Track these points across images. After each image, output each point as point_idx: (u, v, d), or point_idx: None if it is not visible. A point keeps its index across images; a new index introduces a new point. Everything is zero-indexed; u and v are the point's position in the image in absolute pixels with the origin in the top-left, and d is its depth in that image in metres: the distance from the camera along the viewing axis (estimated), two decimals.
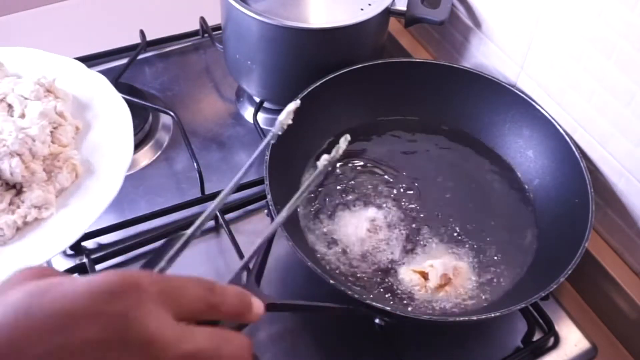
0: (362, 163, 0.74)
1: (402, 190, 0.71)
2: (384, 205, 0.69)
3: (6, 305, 0.28)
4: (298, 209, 0.68)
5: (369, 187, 0.71)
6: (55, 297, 0.28)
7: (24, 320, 0.27)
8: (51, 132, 0.63)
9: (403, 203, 0.70)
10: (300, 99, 0.70)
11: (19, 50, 0.73)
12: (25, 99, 0.65)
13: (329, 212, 0.68)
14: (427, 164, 0.75)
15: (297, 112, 0.70)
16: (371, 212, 0.69)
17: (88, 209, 0.59)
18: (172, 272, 0.38)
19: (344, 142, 0.49)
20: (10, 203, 0.58)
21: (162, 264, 0.37)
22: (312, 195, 0.70)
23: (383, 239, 0.66)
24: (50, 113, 0.64)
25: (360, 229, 0.67)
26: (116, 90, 0.70)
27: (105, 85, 0.70)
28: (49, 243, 0.56)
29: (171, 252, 0.38)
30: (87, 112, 0.69)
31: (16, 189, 0.60)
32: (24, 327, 0.27)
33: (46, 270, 0.31)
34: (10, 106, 0.65)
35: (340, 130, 0.77)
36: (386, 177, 0.73)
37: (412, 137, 0.77)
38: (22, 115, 0.64)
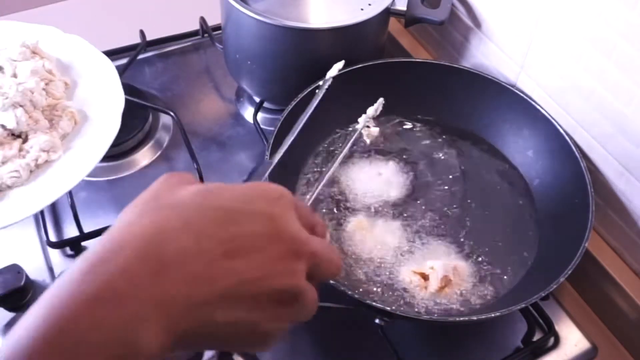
0: (363, 163, 0.74)
1: (401, 190, 0.71)
2: (384, 205, 0.69)
3: (181, 203, 0.33)
4: None
5: (369, 187, 0.71)
6: (224, 197, 0.34)
7: (201, 215, 0.32)
8: (44, 87, 0.68)
9: (402, 203, 0.70)
10: (300, 99, 0.70)
11: None
12: (14, 60, 0.70)
13: (329, 213, 0.68)
14: (427, 164, 0.75)
15: (297, 112, 0.70)
16: (371, 212, 0.69)
17: (92, 149, 0.64)
18: None
19: (379, 104, 0.62)
20: (20, 150, 0.64)
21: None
22: (313, 195, 0.70)
23: (382, 239, 0.66)
24: (41, 70, 0.69)
25: (360, 229, 0.67)
26: (96, 48, 0.74)
27: (84, 45, 0.74)
28: (62, 180, 0.62)
29: None
30: (72, 71, 0.73)
31: (21, 138, 0.65)
32: (205, 218, 0.32)
33: (191, 177, 0.36)
34: (1, 68, 0.70)
35: (339, 130, 0.77)
36: (386, 177, 0.73)
37: (412, 136, 0.77)
38: (14, 75, 0.69)
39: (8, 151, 0.62)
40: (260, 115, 0.82)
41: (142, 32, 0.91)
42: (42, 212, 0.70)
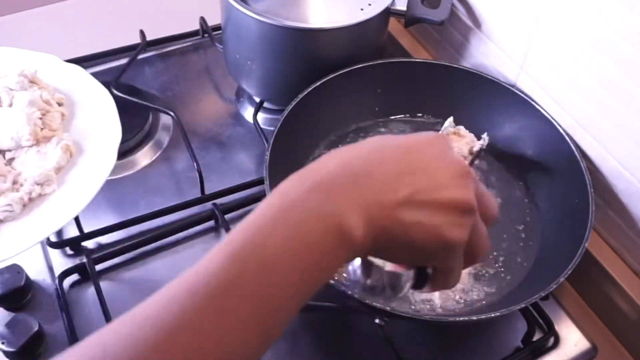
0: None
1: None
2: None
3: (366, 144, 0.40)
4: None
5: None
6: (398, 138, 0.40)
7: (383, 147, 0.39)
8: (41, 118, 0.67)
9: None
10: (301, 99, 0.70)
11: None
12: (12, 90, 0.69)
13: None
14: None
15: (297, 112, 0.70)
16: None
17: (86, 184, 0.63)
18: None
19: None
20: (14, 182, 0.63)
21: None
22: None
23: None
24: (38, 101, 0.68)
25: None
26: (94, 78, 0.73)
27: (83, 75, 0.73)
28: (55, 216, 0.60)
29: None
30: (69, 101, 0.72)
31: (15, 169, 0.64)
32: (385, 149, 0.39)
33: None
34: None
35: (339, 130, 0.77)
36: None
37: None
38: (10, 105, 0.68)
39: (2, 184, 0.61)
40: (260, 115, 0.82)
41: (142, 32, 0.91)
42: None
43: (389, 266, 0.40)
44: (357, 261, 0.41)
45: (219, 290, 0.32)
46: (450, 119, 0.73)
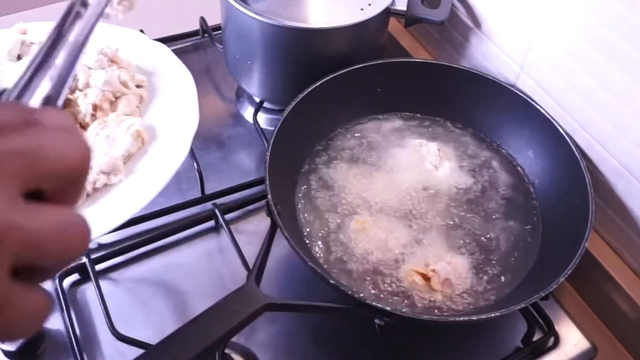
0: (362, 163, 0.74)
1: (402, 189, 0.71)
2: (384, 204, 0.69)
3: None
4: (298, 207, 0.69)
5: (369, 187, 0.71)
6: None
7: None
8: (114, 100, 0.64)
9: (403, 202, 0.70)
10: (301, 99, 0.70)
11: None
12: (90, 68, 0.66)
13: (329, 213, 0.68)
14: None
15: (297, 112, 0.70)
16: (371, 212, 0.69)
17: (156, 173, 0.59)
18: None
19: None
20: None
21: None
22: (315, 195, 0.70)
23: (383, 238, 0.66)
24: (114, 81, 0.65)
25: (360, 229, 0.67)
26: (179, 60, 0.69)
27: (168, 55, 0.70)
28: (120, 208, 0.56)
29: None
30: (150, 82, 0.68)
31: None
32: None
33: None
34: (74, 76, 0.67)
35: (339, 130, 0.77)
36: (386, 176, 0.73)
37: (412, 137, 0.77)
38: (87, 85, 0.65)
39: None
40: (260, 115, 0.82)
41: (142, 32, 0.91)
42: None
43: None
44: None
45: None
46: None
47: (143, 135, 0.62)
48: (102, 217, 0.56)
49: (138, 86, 0.67)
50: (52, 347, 0.61)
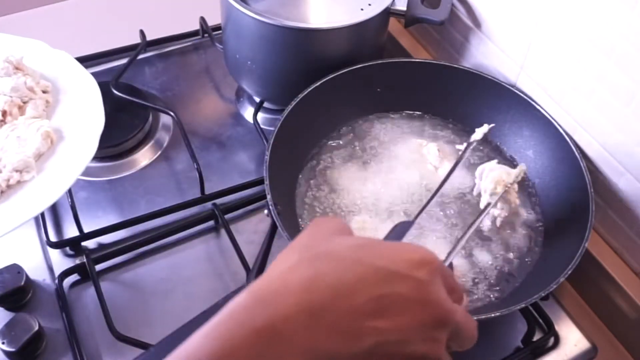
0: (363, 163, 0.74)
1: (402, 189, 0.71)
2: (384, 204, 0.69)
3: (336, 256, 0.34)
4: (298, 207, 0.69)
5: (369, 187, 0.71)
6: (375, 254, 0.34)
7: (353, 271, 0.33)
8: (21, 105, 0.67)
9: (403, 202, 0.70)
10: (301, 99, 0.70)
11: None
12: None
13: (329, 213, 0.68)
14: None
15: (297, 112, 0.70)
16: (371, 212, 0.69)
17: (65, 171, 0.62)
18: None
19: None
20: None
21: None
22: (315, 195, 0.70)
23: (383, 238, 0.66)
24: (21, 87, 0.68)
25: (360, 229, 0.67)
26: (80, 65, 0.73)
27: (70, 62, 0.73)
28: (32, 204, 0.60)
29: None
30: (55, 87, 0.72)
31: None
32: (357, 274, 0.33)
33: (343, 223, 0.38)
34: None
35: (339, 130, 0.77)
36: (386, 176, 0.73)
37: (412, 137, 0.77)
38: None
39: None
40: (260, 115, 0.82)
41: (142, 32, 0.91)
42: (42, 212, 0.69)
43: None
44: None
45: None
46: (485, 127, 0.68)
47: (52, 136, 0.65)
48: (17, 211, 0.59)
49: (44, 92, 0.71)
50: (52, 347, 0.61)
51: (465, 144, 0.67)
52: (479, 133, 0.67)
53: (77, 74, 0.72)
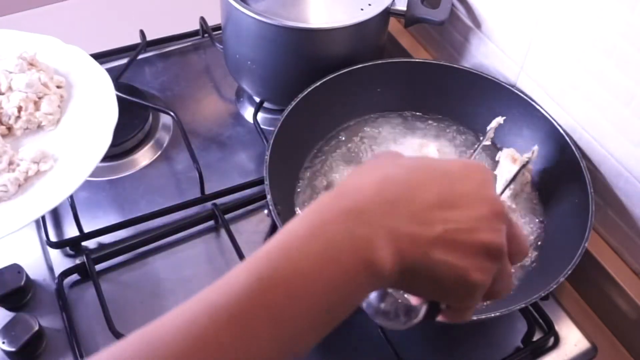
0: (363, 163, 0.74)
1: None
2: None
3: (405, 164, 0.39)
4: (298, 207, 0.69)
5: None
6: (444, 163, 0.40)
7: (423, 172, 0.38)
8: (36, 101, 0.68)
9: None
10: (301, 99, 0.70)
11: None
12: (10, 72, 0.70)
13: None
14: None
15: (297, 112, 0.70)
16: None
17: (84, 159, 0.64)
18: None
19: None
20: (10, 163, 0.63)
21: None
22: (314, 196, 0.70)
23: None
24: (36, 83, 0.69)
25: None
26: (94, 60, 0.74)
27: (83, 57, 0.74)
28: (50, 195, 0.61)
29: None
30: (68, 82, 0.73)
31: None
32: (425, 174, 0.38)
33: (403, 154, 0.42)
34: None
35: (339, 130, 0.77)
36: None
37: (412, 137, 0.77)
38: (9, 89, 0.69)
39: None
40: (260, 115, 0.82)
41: (142, 32, 0.91)
42: None
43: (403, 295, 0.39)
44: None
45: (243, 312, 0.32)
46: (499, 118, 0.69)
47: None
48: (33, 203, 0.61)
49: (58, 87, 0.71)
50: (52, 347, 0.61)
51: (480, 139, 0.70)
52: (495, 122, 0.69)
53: (89, 69, 0.73)
